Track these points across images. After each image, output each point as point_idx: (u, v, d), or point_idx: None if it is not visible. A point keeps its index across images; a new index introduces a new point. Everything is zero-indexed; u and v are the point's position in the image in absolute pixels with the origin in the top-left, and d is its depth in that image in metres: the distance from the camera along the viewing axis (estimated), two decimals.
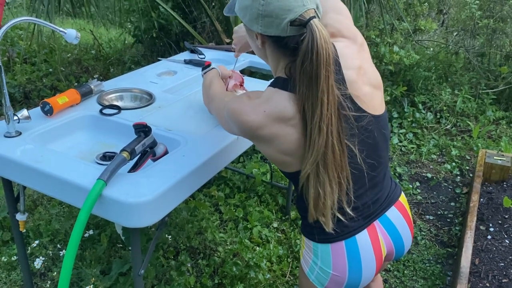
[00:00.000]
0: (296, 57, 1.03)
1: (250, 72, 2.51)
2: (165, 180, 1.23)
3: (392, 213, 1.28)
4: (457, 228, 2.64)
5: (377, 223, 1.24)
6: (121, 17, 3.79)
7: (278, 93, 1.09)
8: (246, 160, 2.97)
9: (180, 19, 3.17)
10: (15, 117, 1.40)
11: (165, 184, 1.21)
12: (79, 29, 4.79)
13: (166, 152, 1.39)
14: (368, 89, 1.15)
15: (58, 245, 2.08)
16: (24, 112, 1.42)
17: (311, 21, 1.00)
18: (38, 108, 1.56)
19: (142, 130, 1.33)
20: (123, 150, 1.25)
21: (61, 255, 2.00)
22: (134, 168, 1.32)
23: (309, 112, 1.03)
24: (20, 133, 1.43)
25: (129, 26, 4.45)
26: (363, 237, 1.20)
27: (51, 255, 2.05)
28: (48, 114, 1.53)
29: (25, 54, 4.25)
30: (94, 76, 3.78)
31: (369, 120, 1.14)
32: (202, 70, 1.57)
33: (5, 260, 2.06)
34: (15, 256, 2.08)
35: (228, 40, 3.00)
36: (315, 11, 1.04)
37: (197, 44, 2.51)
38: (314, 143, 1.04)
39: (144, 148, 1.31)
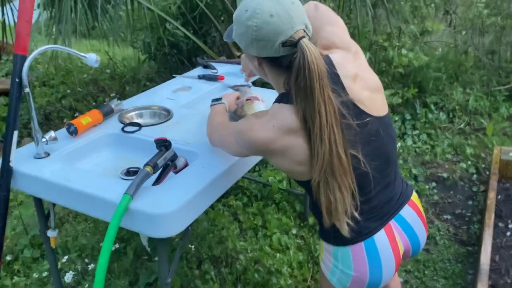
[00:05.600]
0: (291, 73, 1.11)
1: (262, 83, 2.57)
2: (188, 191, 1.29)
3: (406, 212, 1.32)
4: (475, 226, 2.65)
5: (392, 223, 1.29)
6: (132, 34, 3.90)
7: (283, 107, 1.17)
8: (262, 169, 3.03)
9: (191, 35, 3.26)
10: (43, 139, 1.48)
11: (188, 194, 1.28)
12: (94, 51, 4.93)
13: (186, 165, 1.45)
14: (367, 93, 1.21)
15: (86, 260, 2.16)
16: (52, 134, 1.51)
17: (301, 41, 1.09)
18: (64, 129, 1.64)
19: (163, 144, 1.40)
20: (146, 164, 1.31)
21: (89, 269, 2.08)
22: (157, 181, 1.39)
23: (309, 123, 1.10)
24: (49, 154, 1.51)
25: (140, 44, 4.57)
26: (381, 237, 1.24)
27: (79, 269, 2.13)
28: (73, 135, 1.62)
29: (43, 77, 4.39)
30: (111, 95, 3.89)
31: (373, 122, 1.19)
32: (212, 101, 1.63)
33: (36, 276, 2.14)
34: (45, 272, 2.16)
35: (238, 54, 3.08)
36: (304, 31, 1.13)
37: (209, 59, 2.59)
38: (318, 152, 1.10)
39: (165, 161, 1.38)
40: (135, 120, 1.83)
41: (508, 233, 2.43)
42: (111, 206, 1.26)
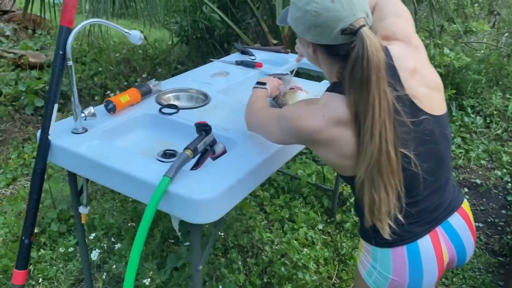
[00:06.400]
0: (347, 62, 1.06)
1: (297, 73, 2.51)
2: (227, 178, 1.25)
3: (455, 220, 1.25)
4: (508, 237, 2.55)
5: (439, 229, 1.22)
6: (168, 16, 3.87)
7: (334, 97, 1.11)
8: (290, 161, 2.98)
9: (228, 20, 3.21)
10: (82, 114, 1.46)
11: (227, 182, 1.24)
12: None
13: (224, 151, 1.41)
14: (424, 90, 1.15)
15: (112, 239, 2.16)
16: (91, 110, 1.48)
17: (361, 30, 1.03)
18: (102, 106, 1.62)
19: (204, 129, 1.36)
20: (186, 148, 1.28)
21: (115, 248, 2.07)
22: (196, 166, 1.35)
23: (361, 117, 1.05)
24: (86, 130, 1.49)
25: (174, 27, 4.55)
26: (425, 243, 1.18)
27: (105, 248, 2.13)
28: (111, 112, 1.59)
29: (76, 53, 4.41)
30: (142, 76, 3.88)
31: (428, 121, 1.13)
32: (256, 83, 1.59)
33: (62, 251, 2.15)
34: (71, 248, 2.17)
35: (275, 41, 3.01)
36: (365, 20, 1.07)
37: (245, 45, 2.54)
38: (367, 149, 1.04)
39: (205, 146, 1.35)
40: (172, 102, 1.80)
41: None
42: (147, 187, 1.24)
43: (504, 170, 3.17)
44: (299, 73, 2.47)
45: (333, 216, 2.55)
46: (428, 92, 1.15)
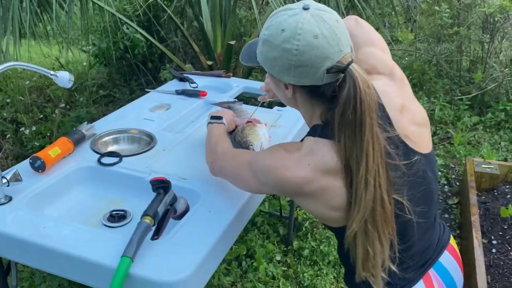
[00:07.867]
0: (333, 104, 0.95)
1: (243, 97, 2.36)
2: (199, 246, 1.06)
3: (445, 259, 1.18)
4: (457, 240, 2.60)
5: (431, 272, 1.14)
6: (84, 37, 3.51)
7: (320, 143, 0.99)
8: None
9: (155, 41, 2.96)
10: (4, 180, 1.17)
11: (200, 252, 1.04)
12: (35, 52, 4.41)
13: (187, 208, 1.21)
14: (414, 128, 1.06)
15: None
16: (15, 173, 1.20)
17: (351, 67, 0.92)
18: (27, 164, 1.33)
19: (162, 186, 1.15)
20: (145, 215, 1.06)
21: None
22: (156, 234, 1.13)
23: (353, 165, 0.94)
24: (11, 198, 1.20)
25: (89, 48, 4.17)
26: None
27: None
28: (40, 171, 1.31)
29: None
30: (60, 106, 3.47)
31: (420, 161, 1.04)
32: (211, 118, 1.41)
33: None
34: None
35: (209, 63, 2.82)
36: (351, 54, 0.96)
37: (177, 68, 2.33)
38: (361, 199, 0.94)
39: (165, 207, 1.13)
40: (111, 147, 1.55)
41: (494, 250, 2.39)
42: (99, 269, 1.01)
43: (439, 173, 3.26)
44: (245, 97, 2.32)
45: (290, 244, 2.42)
46: (418, 129, 1.06)
